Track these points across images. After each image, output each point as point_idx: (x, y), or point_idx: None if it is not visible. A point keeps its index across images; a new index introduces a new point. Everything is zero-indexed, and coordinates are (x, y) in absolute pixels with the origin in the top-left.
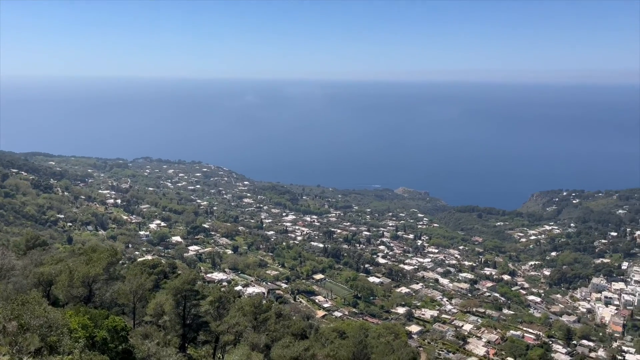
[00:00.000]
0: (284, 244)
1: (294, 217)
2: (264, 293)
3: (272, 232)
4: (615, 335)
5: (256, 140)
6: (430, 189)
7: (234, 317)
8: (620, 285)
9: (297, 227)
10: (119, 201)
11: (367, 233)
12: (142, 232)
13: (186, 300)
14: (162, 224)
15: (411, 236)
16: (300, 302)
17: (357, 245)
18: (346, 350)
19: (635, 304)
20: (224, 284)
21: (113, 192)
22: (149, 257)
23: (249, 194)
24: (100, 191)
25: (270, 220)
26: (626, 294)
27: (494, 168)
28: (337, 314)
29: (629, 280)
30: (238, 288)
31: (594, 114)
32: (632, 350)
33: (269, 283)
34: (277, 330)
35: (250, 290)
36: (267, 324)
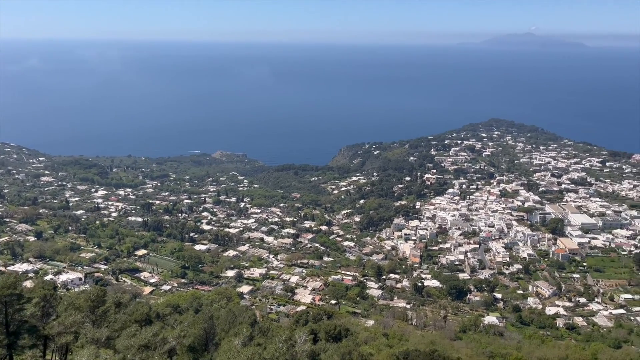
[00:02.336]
0: (97, 222)
1: (105, 192)
2: (80, 278)
3: (81, 212)
4: (415, 265)
5: (48, 110)
6: (247, 151)
7: (69, 315)
8: (415, 222)
9: (110, 203)
10: None
11: (189, 201)
12: None
13: (7, 306)
14: None
15: (233, 199)
16: (124, 281)
17: (179, 214)
18: (197, 327)
19: (428, 237)
20: (31, 275)
21: None
22: None
23: (47, 172)
24: None
25: (77, 199)
26: (420, 229)
27: (306, 126)
28: (166, 287)
29: (422, 217)
30: (49, 277)
31: (387, 71)
32: (429, 276)
33: (85, 267)
34: (119, 321)
35: (63, 277)
36: (108, 316)
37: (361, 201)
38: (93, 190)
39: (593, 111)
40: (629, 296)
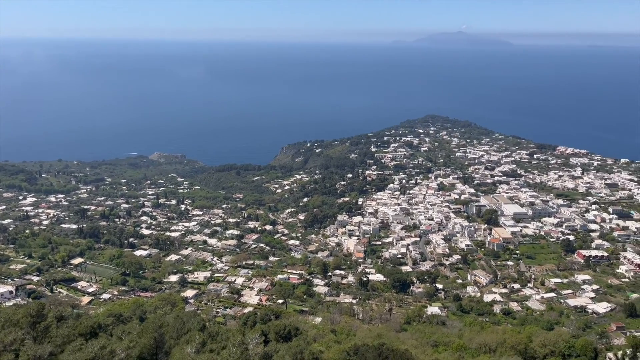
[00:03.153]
0: (27, 231)
1: (34, 199)
2: (11, 292)
3: (9, 221)
4: (359, 261)
5: None
6: (186, 152)
7: (8, 332)
8: (358, 218)
9: (40, 210)
10: None
11: (126, 205)
12: None
13: None
14: None
15: (174, 202)
16: (60, 292)
17: (117, 220)
18: (147, 337)
19: (371, 232)
20: None
21: None
22: None
23: None
24: None
25: (3, 207)
26: (364, 225)
27: (246, 125)
28: (106, 296)
29: (365, 213)
30: None
31: (326, 69)
32: (373, 271)
33: (15, 279)
34: (62, 335)
35: None
36: (50, 331)
37: (305, 199)
38: (21, 197)
39: (520, 106)
40: (558, 280)
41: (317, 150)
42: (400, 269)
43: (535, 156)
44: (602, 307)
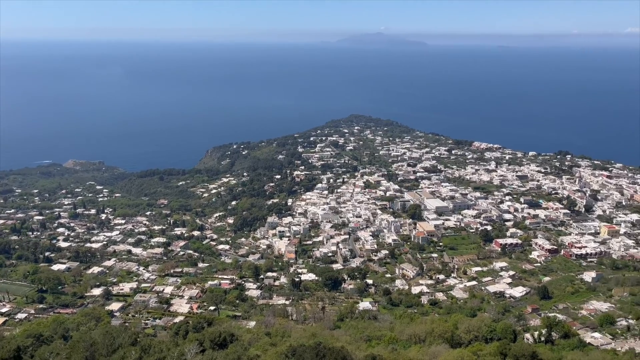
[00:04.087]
0: None
1: None
2: None
3: None
4: (291, 261)
5: None
6: (104, 158)
7: None
8: (288, 219)
9: None
10: None
11: (40, 217)
12: None
13: None
14: None
15: (93, 211)
16: None
17: (30, 233)
18: (76, 357)
19: (301, 232)
20: None
21: None
22: None
23: None
24: None
25: None
26: (294, 225)
27: (168, 128)
28: (21, 315)
29: (294, 213)
30: None
31: (248, 69)
32: (305, 270)
33: None
34: None
35: None
36: None
37: (233, 202)
38: None
39: (437, 104)
40: (479, 268)
41: (243, 152)
42: (332, 267)
43: (453, 152)
44: (518, 292)
